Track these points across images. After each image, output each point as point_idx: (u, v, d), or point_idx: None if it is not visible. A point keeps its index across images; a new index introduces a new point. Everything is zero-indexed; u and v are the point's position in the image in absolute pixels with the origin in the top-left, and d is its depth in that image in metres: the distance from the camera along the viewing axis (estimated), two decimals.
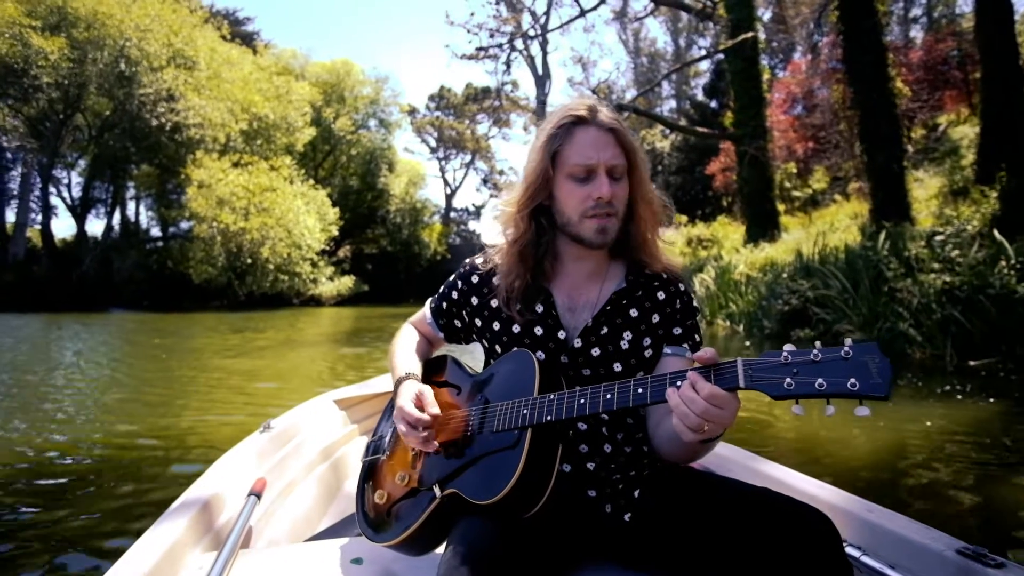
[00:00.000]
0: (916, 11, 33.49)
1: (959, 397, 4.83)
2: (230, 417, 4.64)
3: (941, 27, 21.35)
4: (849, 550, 1.18)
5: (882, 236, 8.01)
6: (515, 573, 0.95)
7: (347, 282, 28.18)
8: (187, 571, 1.21)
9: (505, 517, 1.02)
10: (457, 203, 49.77)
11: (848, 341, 0.82)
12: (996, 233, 6.71)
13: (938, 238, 7.24)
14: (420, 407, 1.17)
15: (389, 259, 34.57)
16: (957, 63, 16.23)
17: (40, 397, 5.43)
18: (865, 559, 1.15)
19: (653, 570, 1.10)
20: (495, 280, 1.25)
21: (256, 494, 1.52)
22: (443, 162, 47.29)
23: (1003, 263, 6.36)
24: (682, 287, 1.24)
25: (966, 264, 6.57)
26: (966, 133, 14.25)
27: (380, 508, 1.21)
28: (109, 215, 26.57)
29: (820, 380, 0.80)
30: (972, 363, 5.93)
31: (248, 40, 31.22)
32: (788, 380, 0.82)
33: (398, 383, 1.25)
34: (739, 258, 12.40)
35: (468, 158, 46.95)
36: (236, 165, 23.02)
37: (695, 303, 1.25)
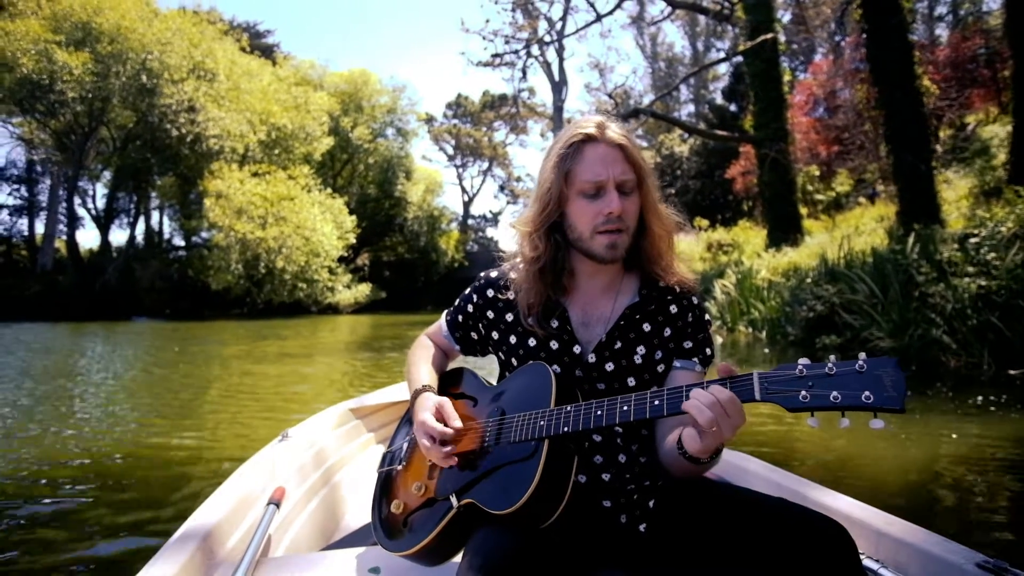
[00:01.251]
0: (941, 9, 32.85)
1: (992, 408, 4.55)
2: (248, 426, 4.67)
3: (968, 25, 20.83)
4: (867, 562, 1.17)
5: (911, 239, 7.71)
6: None
7: (364, 289, 28.31)
8: None
9: (522, 527, 1.02)
10: (475, 210, 50.04)
11: (863, 355, 0.84)
12: None
13: (972, 240, 6.91)
14: (441, 420, 1.17)
15: (407, 266, 34.71)
16: (985, 61, 15.82)
17: (66, 404, 5.57)
18: (883, 572, 1.14)
19: None
20: (510, 294, 1.27)
21: (276, 503, 1.53)
22: (460, 169, 47.49)
23: None
24: (695, 300, 1.24)
25: (1003, 267, 6.24)
26: (996, 132, 13.84)
27: (396, 518, 1.21)
28: (132, 225, 27.11)
29: (835, 393, 0.81)
30: (1012, 372, 5.62)
31: (267, 52, 31.70)
32: (803, 393, 0.84)
33: (415, 395, 1.26)
34: (761, 263, 12.12)
35: (485, 165, 47.09)
36: (255, 175, 23.32)
37: (707, 317, 1.26)
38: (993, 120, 15.31)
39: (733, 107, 26.41)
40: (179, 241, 29.05)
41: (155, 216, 30.39)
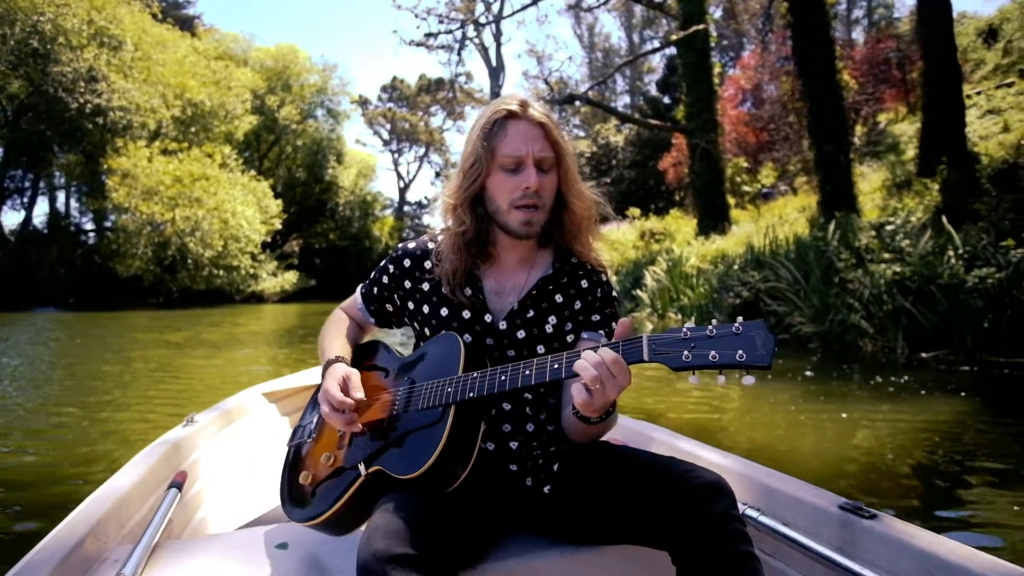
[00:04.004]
0: (857, 13, 34.76)
1: (891, 390, 4.68)
2: (152, 415, 4.47)
3: (881, 28, 22.04)
4: (749, 511, 1.27)
5: (832, 225, 7.92)
6: (436, 544, 0.96)
7: (291, 277, 27.10)
8: (102, 564, 1.17)
9: (428, 491, 1.04)
10: (411, 197, 48.87)
11: (740, 319, 0.89)
12: (945, 221, 6.64)
13: (888, 228, 7.16)
14: (345, 390, 1.16)
15: (338, 253, 33.47)
16: (896, 63, 16.73)
17: None
18: (762, 519, 1.25)
19: (573, 538, 1.17)
20: (427, 264, 1.28)
21: (177, 486, 1.47)
22: (396, 155, 46.33)
23: (951, 252, 6.29)
24: (604, 277, 1.30)
25: (916, 254, 6.47)
26: (905, 130, 14.66)
27: (304, 489, 1.20)
28: (28, 206, 24.64)
29: (714, 352, 0.87)
30: (924, 355, 5.83)
31: (187, 24, 29.51)
32: (686, 353, 0.89)
33: (326, 366, 1.25)
34: (691, 251, 12.28)
35: (422, 151, 46.14)
36: (165, 152, 21.63)
37: (615, 294, 1.32)
38: (902, 119, 16.24)
39: (667, 99, 26.86)
40: (89, 224, 26.67)
41: (61, 197, 27.73)
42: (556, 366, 1.00)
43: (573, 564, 1.16)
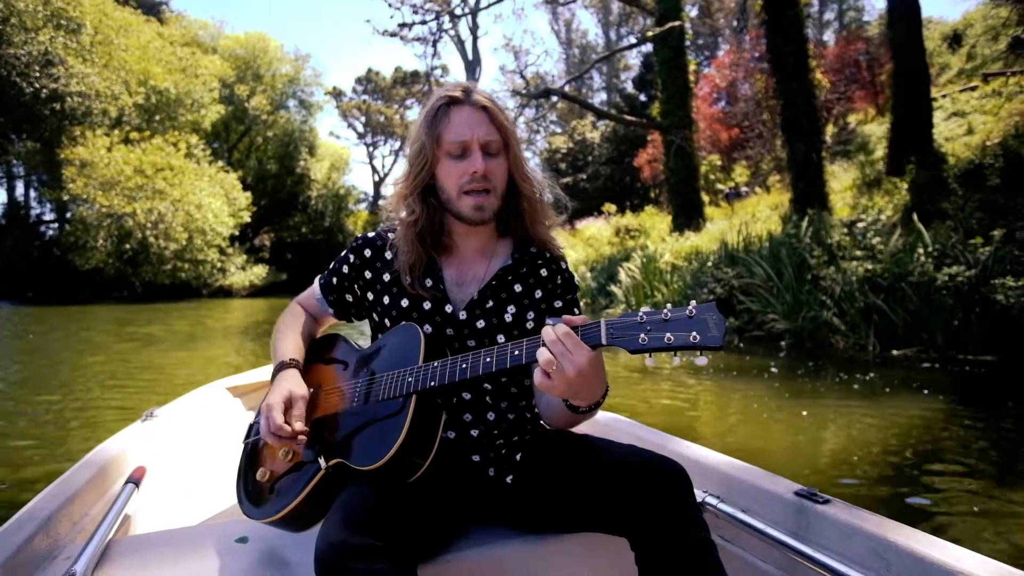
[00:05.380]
0: (829, 15, 35.34)
1: (856, 387, 4.67)
2: (108, 411, 4.32)
3: (851, 31, 22.41)
4: (709, 499, 1.29)
5: (805, 223, 7.94)
6: (397, 535, 0.94)
7: (260, 271, 26.47)
8: (52, 561, 1.14)
9: (389, 482, 1.03)
10: (386, 191, 48.13)
11: (693, 303, 0.90)
12: (915, 219, 6.69)
13: (860, 225, 7.19)
14: (288, 410, 1.12)
15: (311, 247, 32.80)
16: (866, 65, 17.02)
17: None
18: (722, 506, 1.27)
19: (535, 527, 1.18)
20: (387, 255, 1.28)
21: (134, 481, 1.44)
22: (371, 148, 45.71)
23: (921, 250, 6.33)
24: (563, 265, 1.31)
25: (887, 252, 6.50)
26: (874, 131, 14.91)
27: (262, 486, 1.17)
28: None
29: (669, 335, 0.89)
30: (895, 352, 5.85)
31: (152, 10, 28.51)
32: (643, 336, 0.91)
33: (277, 369, 1.22)
34: (665, 247, 12.28)
35: (398, 144, 45.53)
36: (126, 141, 20.84)
37: (575, 280, 1.33)
38: (871, 120, 16.53)
39: (643, 96, 26.93)
40: (49, 215, 25.60)
41: (22, 187, 26.50)
42: (516, 352, 1.00)
43: (536, 553, 1.17)
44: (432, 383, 1.04)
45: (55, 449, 3.48)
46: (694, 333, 0.87)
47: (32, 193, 26.27)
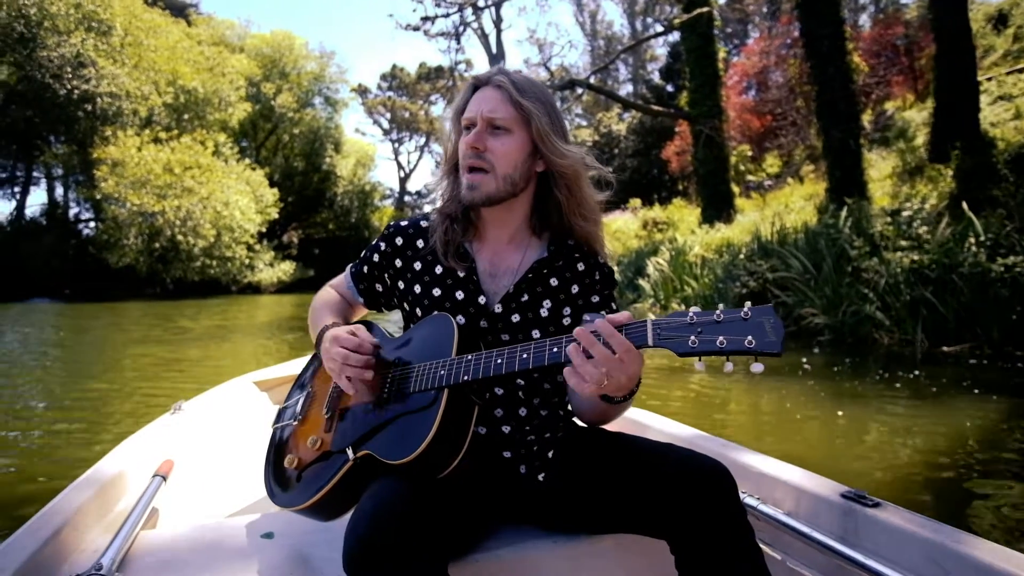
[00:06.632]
0: None
1: (897, 385, 4.36)
2: (138, 404, 4.38)
3: (889, 14, 21.58)
4: (748, 500, 1.23)
5: (844, 212, 7.59)
6: (426, 532, 0.91)
7: (287, 268, 26.78)
8: (80, 553, 1.13)
9: (419, 477, 1.00)
10: (412, 186, 48.40)
11: (748, 304, 0.86)
12: (965, 207, 6.30)
13: (904, 214, 6.81)
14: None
15: (337, 243, 33.07)
16: (905, 49, 16.39)
17: None
18: (761, 507, 1.21)
19: (567, 527, 1.15)
20: (419, 243, 1.25)
21: (162, 476, 1.45)
22: (397, 144, 45.93)
23: (972, 240, 5.95)
24: (602, 259, 1.26)
25: (935, 241, 6.13)
26: (913, 117, 14.31)
27: (289, 473, 1.16)
28: (20, 195, 24.26)
29: (721, 338, 0.83)
30: (945, 349, 5.51)
31: (180, 11, 28.97)
32: (692, 338, 0.85)
33: (323, 331, 1.21)
34: (694, 240, 11.97)
35: (422, 140, 45.66)
36: (156, 141, 21.21)
37: (615, 275, 1.28)
38: (910, 106, 15.87)
39: (670, 87, 26.40)
40: (86, 215, 26.29)
41: (60, 188, 27.25)
42: (555, 350, 0.96)
43: (567, 553, 1.14)
44: (465, 377, 1.01)
45: (97, 433, 3.68)
46: (749, 337, 0.81)
47: (71, 194, 27.08)
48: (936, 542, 0.95)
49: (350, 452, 1.07)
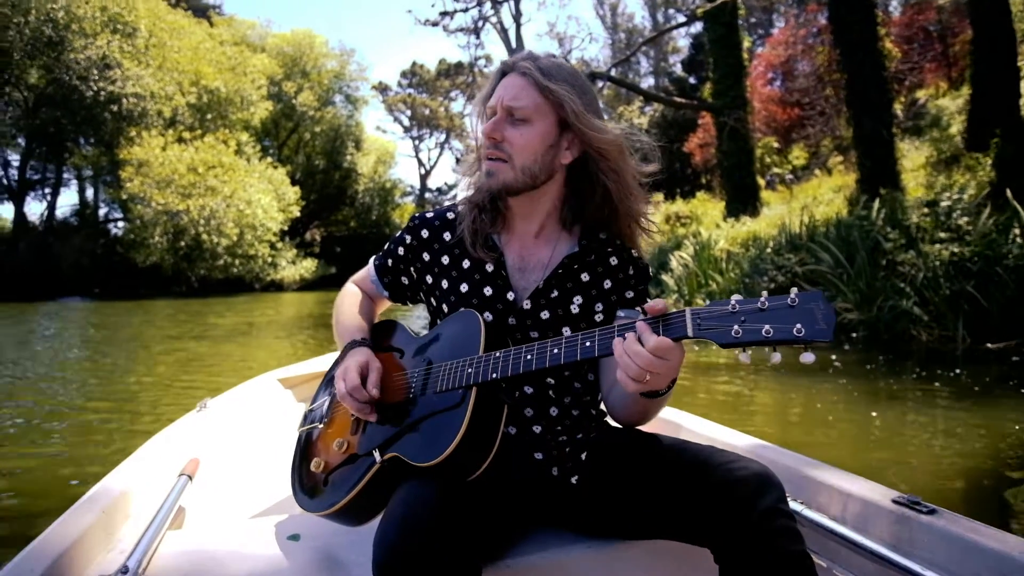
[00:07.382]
0: None
1: (937, 384, 4.12)
2: (165, 402, 4.45)
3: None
4: (793, 505, 1.16)
5: (877, 204, 7.30)
6: (457, 537, 0.88)
7: (310, 265, 27.02)
8: (108, 553, 1.13)
9: (448, 480, 0.97)
10: (432, 183, 48.56)
11: (794, 290, 0.81)
12: (1010, 196, 5.99)
13: (943, 205, 6.51)
14: (364, 377, 1.10)
15: (359, 241, 33.28)
16: (938, 36, 15.85)
17: None
18: (807, 513, 1.16)
19: (601, 531, 1.12)
20: (447, 235, 1.22)
21: (188, 475, 1.45)
22: (417, 141, 46.06)
23: (1017, 231, 5.66)
24: (635, 253, 1.22)
25: (977, 232, 5.85)
26: (947, 106, 13.82)
27: (316, 477, 1.14)
28: (51, 196, 24.84)
29: (767, 327, 0.79)
30: (989, 345, 5.24)
31: (202, 12, 29.35)
32: (736, 328, 0.81)
33: (348, 347, 1.19)
34: (719, 233, 11.71)
35: (443, 137, 45.72)
36: (180, 140, 21.52)
37: (650, 270, 1.24)
38: (943, 95, 15.33)
39: (693, 79, 25.98)
40: (115, 215, 26.85)
41: (90, 188, 27.90)
42: (588, 344, 0.92)
43: (601, 559, 1.11)
44: (494, 375, 0.98)
45: (129, 424, 3.86)
46: (798, 325, 0.76)
47: (100, 195, 27.69)
48: (1002, 552, 0.89)
49: (377, 455, 1.04)
